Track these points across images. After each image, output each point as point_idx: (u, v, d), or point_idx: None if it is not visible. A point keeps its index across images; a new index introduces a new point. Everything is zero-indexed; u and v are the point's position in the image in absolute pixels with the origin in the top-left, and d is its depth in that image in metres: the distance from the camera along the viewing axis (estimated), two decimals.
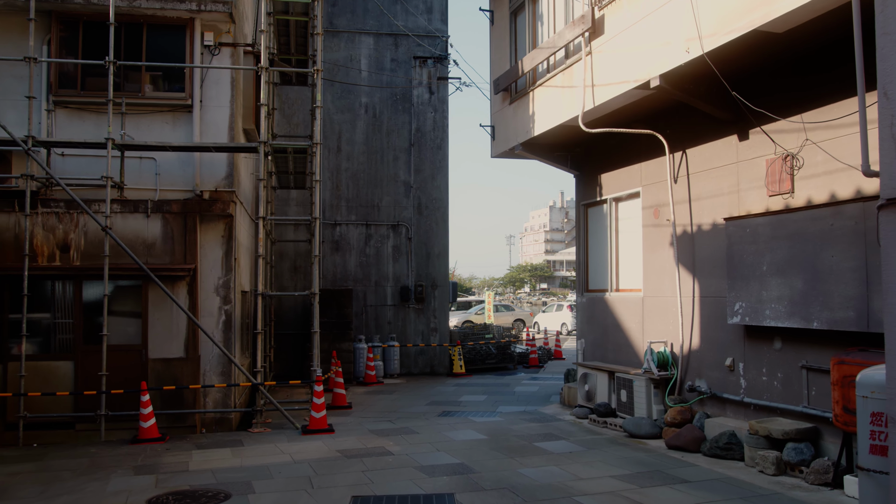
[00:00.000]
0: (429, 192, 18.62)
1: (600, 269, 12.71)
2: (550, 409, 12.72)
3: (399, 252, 18.39)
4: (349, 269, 18.13)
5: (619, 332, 11.88)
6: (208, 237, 11.63)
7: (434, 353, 18.40)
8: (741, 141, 9.26)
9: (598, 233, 12.81)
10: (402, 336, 18.30)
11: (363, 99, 18.39)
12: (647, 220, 11.20)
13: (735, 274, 8.97)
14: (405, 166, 18.55)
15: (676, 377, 10.32)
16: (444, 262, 18.67)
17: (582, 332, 13.11)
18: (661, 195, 10.84)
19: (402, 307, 18.35)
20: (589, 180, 13.01)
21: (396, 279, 18.35)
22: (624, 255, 12.11)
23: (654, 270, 10.99)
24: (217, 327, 11.53)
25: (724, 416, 9.42)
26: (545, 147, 13.03)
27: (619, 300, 11.99)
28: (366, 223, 18.26)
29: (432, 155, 18.68)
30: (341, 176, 18.25)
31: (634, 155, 11.54)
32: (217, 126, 11.84)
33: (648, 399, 10.42)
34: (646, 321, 11.17)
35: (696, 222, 10.07)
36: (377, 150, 18.42)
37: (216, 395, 11.49)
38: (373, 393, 15.25)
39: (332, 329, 16.90)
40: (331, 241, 18.11)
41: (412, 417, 12.20)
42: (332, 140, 18.24)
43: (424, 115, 18.69)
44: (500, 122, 13.80)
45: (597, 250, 12.86)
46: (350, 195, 18.25)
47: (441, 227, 18.65)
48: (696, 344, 10.03)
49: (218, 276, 11.61)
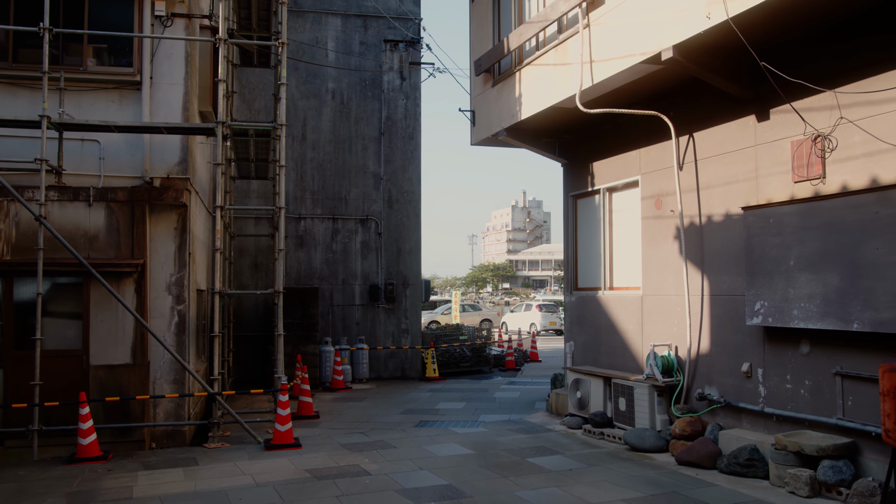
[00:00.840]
0: (400, 185, 17.47)
1: (592, 266, 11.71)
2: (537, 418, 11.68)
3: (368, 248, 17.23)
4: (315, 266, 16.91)
5: (614, 333, 10.90)
6: (159, 229, 10.39)
7: (405, 356, 17.27)
8: (760, 122, 8.31)
9: (589, 226, 11.82)
10: (371, 338, 17.13)
11: (330, 84, 17.17)
12: (647, 212, 10.23)
13: (756, 270, 8.02)
14: (375, 156, 17.38)
15: (683, 384, 9.35)
16: (417, 258, 17.54)
17: (571, 333, 12.10)
18: (664, 183, 9.87)
19: (371, 307, 17.18)
20: (579, 169, 12.01)
21: (365, 277, 17.18)
22: (619, 251, 11.13)
23: (656, 266, 10.02)
24: (169, 330, 10.31)
25: (739, 428, 8.47)
26: (532, 133, 11.99)
27: (613, 299, 11.00)
28: (332, 217, 17.05)
29: (404, 145, 17.54)
30: (306, 166, 17.01)
31: (632, 140, 10.56)
32: (169, 106, 10.61)
33: (651, 408, 9.44)
34: (645, 322, 10.20)
35: (706, 213, 9.11)
36: (345, 138, 17.23)
37: (168, 406, 10.25)
38: (341, 400, 14.08)
39: (297, 331, 15.67)
40: (295, 237, 16.86)
41: (387, 428, 11.07)
42: (296, 128, 16.99)
43: (395, 103, 17.54)
44: (481, 107, 12.74)
45: (588, 245, 11.87)
46: (316, 187, 17.03)
47: (413, 221, 17.52)
48: (706, 347, 9.08)
49: (170, 272, 10.38)
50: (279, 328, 10.52)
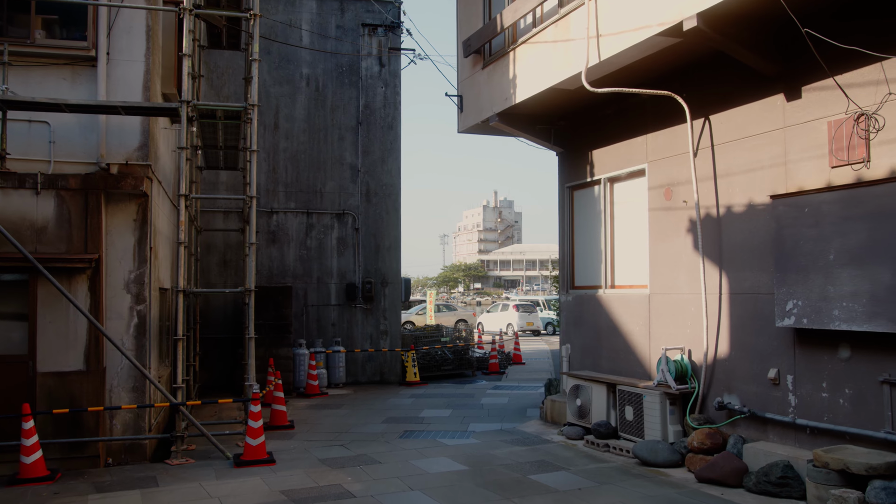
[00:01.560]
0: (378, 177, 16.48)
1: (591, 263, 10.85)
2: (532, 428, 10.79)
3: (345, 244, 16.21)
4: (288, 263, 15.86)
5: (617, 336, 10.04)
6: (117, 221, 9.34)
7: (384, 359, 16.29)
8: (790, 101, 7.49)
9: (588, 219, 10.95)
10: (347, 340, 16.12)
11: (304, 70, 16.12)
12: (656, 203, 9.38)
13: (787, 265, 7.19)
14: (352, 147, 16.37)
15: (698, 392, 8.51)
16: (396, 255, 16.57)
17: (567, 335, 11.23)
18: (676, 172, 9.03)
19: (348, 307, 16.17)
20: (576, 158, 11.14)
21: (342, 275, 16.16)
22: (622, 246, 10.27)
23: (665, 263, 9.18)
24: (128, 332, 9.27)
25: (765, 441, 7.64)
26: (526, 119, 11.10)
27: (616, 298, 10.15)
28: (307, 211, 16.00)
29: (382, 135, 16.55)
30: (279, 157, 15.95)
31: (638, 125, 9.71)
32: (128, 85, 9.57)
33: (663, 418, 8.59)
34: (653, 323, 9.35)
35: (724, 203, 8.28)
36: (320, 128, 16.19)
37: (126, 417, 9.19)
38: (317, 407, 13.06)
39: (269, 332, 14.62)
40: (266, 232, 15.80)
41: (369, 440, 10.10)
42: (268, 116, 15.92)
43: (374, 90, 16.55)
44: (469, 91, 11.81)
45: (586, 240, 11.00)
46: (289, 179, 15.97)
47: (392, 216, 16.54)
48: (724, 351, 8.25)
49: (129, 269, 9.33)
50: (250, 330, 9.51)
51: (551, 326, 35.93)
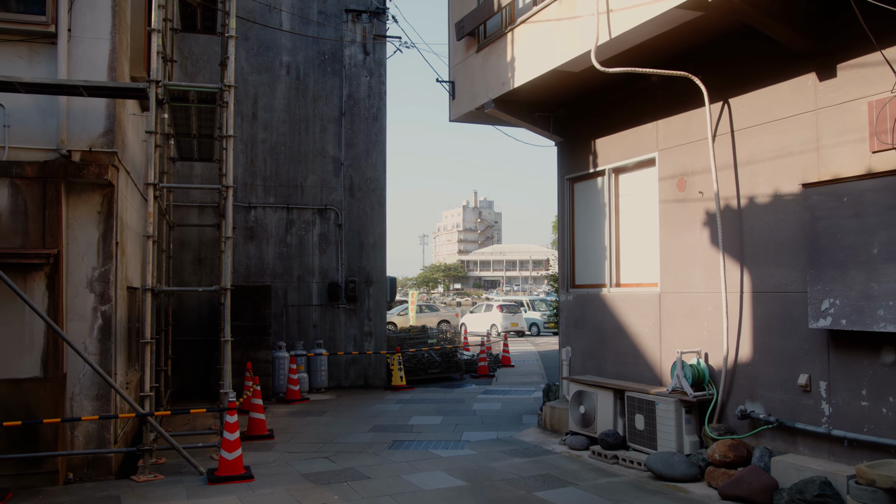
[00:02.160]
0: (362, 171, 15.67)
1: (593, 259, 10.14)
2: (531, 436, 10.05)
3: (327, 241, 15.39)
4: (266, 261, 15.01)
5: (623, 338, 9.34)
6: (79, 213, 8.52)
7: (368, 362, 15.48)
8: (823, 80, 6.81)
9: (591, 213, 10.24)
10: (330, 342, 15.30)
11: (284, 57, 15.28)
12: (668, 194, 8.68)
13: (823, 260, 6.51)
14: (335, 139, 15.55)
15: (717, 399, 7.82)
16: (381, 253, 15.77)
17: (567, 337, 10.50)
18: (690, 160, 8.34)
19: (330, 307, 15.35)
20: (578, 148, 10.42)
21: (324, 274, 15.34)
22: (628, 241, 9.57)
23: (678, 259, 8.48)
24: (91, 335, 8.45)
25: (795, 454, 6.96)
26: (523, 105, 10.37)
27: (622, 298, 9.44)
28: (287, 206, 15.17)
29: (367, 126, 15.74)
30: (257, 149, 15.09)
31: (648, 111, 9.01)
32: (92, 65, 8.75)
33: (678, 428, 7.88)
34: (665, 325, 8.65)
35: (746, 193, 7.59)
36: (301, 118, 15.36)
37: (89, 428, 8.36)
38: (298, 414, 12.24)
39: (246, 335, 13.77)
40: (244, 228, 14.94)
41: (356, 451, 9.32)
42: (245, 105, 15.06)
43: (358, 79, 15.74)
44: (462, 76, 11.06)
45: (588, 236, 10.29)
46: (268, 172, 15.12)
47: (377, 211, 15.74)
48: (747, 355, 7.56)
49: (92, 265, 8.50)
50: (226, 332, 8.69)
51: (535, 327, 35.30)
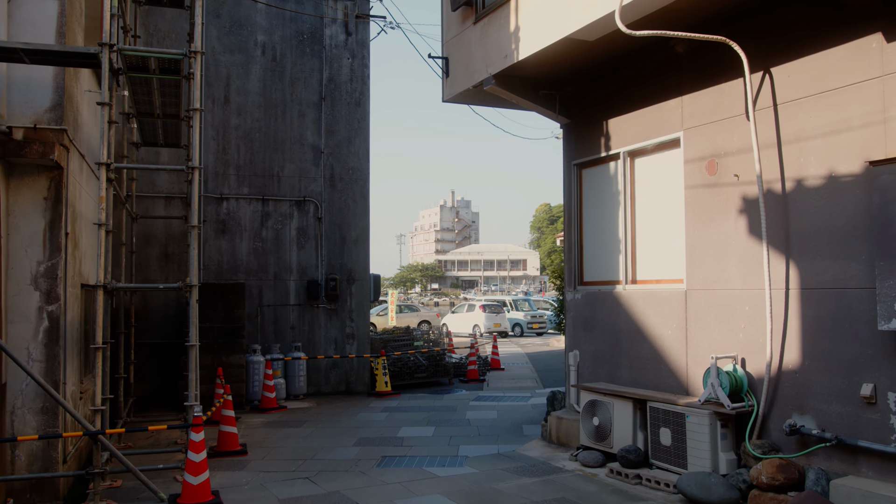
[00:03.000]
0: (344, 160, 14.55)
1: (605, 254, 9.12)
2: (536, 451, 9.01)
3: (306, 236, 14.25)
4: (240, 257, 13.84)
5: (641, 341, 8.33)
6: (21, 199, 7.39)
7: (351, 367, 14.36)
8: (892, 41, 5.84)
9: (602, 202, 9.22)
10: (309, 345, 14.15)
11: (260, 37, 14.12)
12: (695, 179, 7.68)
13: (894, 251, 5.54)
14: (314, 125, 14.41)
15: (758, 411, 6.82)
16: (364, 249, 14.66)
17: (575, 340, 9.48)
18: (724, 139, 7.34)
19: (309, 307, 14.21)
20: (587, 130, 9.40)
21: (302, 271, 14.20)
22: (646, 233, 8.56)
23: (708, 252, 7.48)
24: (35, 339, 7.34)
25: (857, 476, 5.97)
26: (527, 82, 9.33)
27: (640, 296, 8.43)
28: (262, 198, 14.00)
29: (349, 112, 14.63)
30: (230, 135, 13.92)
31: (671, 86, 8.01)
32: (38, 28, 7.67)
33: (713, 444, 6.88)
34: (692, 326, 7.65)
35: (793, 175, 6.61)
36: (278, 103, 14.20)
37: (33, 447, 7.20)
38: (275, 425, 11.10)
39: (217, 337, 12.60)
40: (215, 221, 13.75)
41: (340, 471, 8.21)
42: (217, 88, 13.87)
43: (339, 62, 14.61)
44: (458, 52, 9.99)
45: (599, 227, 9.27)
46: (242, 161, 13.95)
47: (360, 204, 14.62)
48: (794, 360, 6.57)
49: (37, 259, 7.38)
50: (192, 335, 7.55)
51: (518, 328, 34.38)
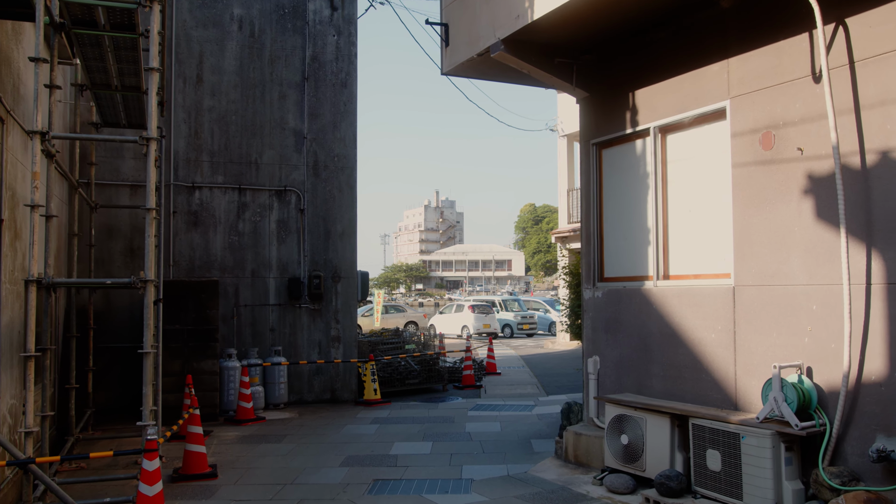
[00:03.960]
0: (329, 146, 13.30)
1: (631, 245, 7.95)
2: (551, 472, 7.81)
3: (287, 229, 12.99)
4: (214, 252, 12.56)
5: (676, 346, 7.16)
6: None
7: (336, 372, 13.10)
8: None
9: (627, 186, 8.05)
10: (290, 348, 12.89)
11: (236, 10, 12.84)
12: (746, 155, 6.52)
13: None
14: (296, 108, 13.15)
15: (831, 432, 5.66)
16: (351, 243, 13.41)
17: (595, 345, 8.30)
18: (783, 107, 6.18)
19: (290, 308, 12.94)
20: (609, 103, 8.24)
21: (283, 268, 12.94)
22: (681, 220, 7.40)
23: (764, 241, 6.32)
24: None
25: None
26: (541, 49, 8.14)
27: (674, 294, 7.26)
28: (239, 187, 12.73)
29: (334, 94, 13.38)
30: (203, 118, 12.63)
31: (714, 46, 6.85)
32: None
33: (776, 471, 5.71)
34: (742, 328, 6.48)
35: (877, 147, 5.46)
36: (256, 83, 12.93)
37: None
38: (251, 440, 9.84)
39: (188, 340, 11.31)
40: (187, 212, 12.46)
41: (325, 499, 6.99)
42: (189, 66, 12.58)
43: (324, 39, 13.36)
44: (459, 16, 8.78)
45: (623, 215, 8.10)
46: (216, 146, 12.67)
47: (346, 194, 13.38)
48: (878, 371, 5.42)
49: None
50: (146, 341, 6.29)
51: (509, 329, 33.23)
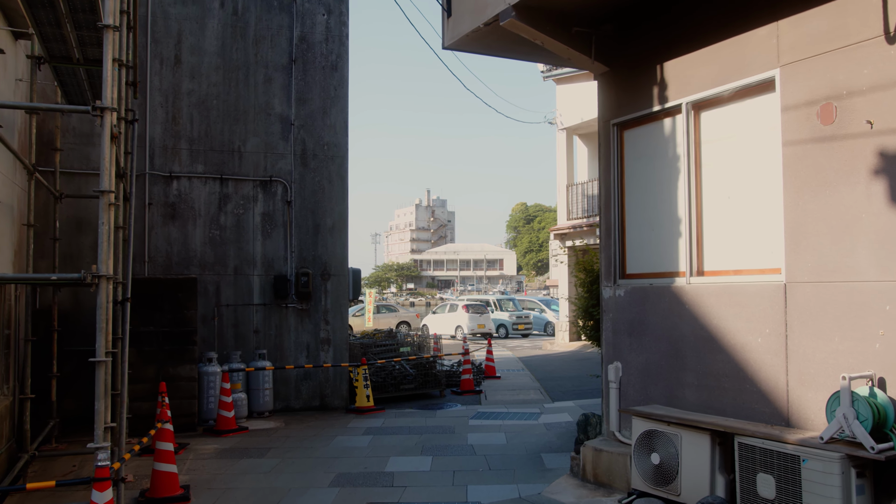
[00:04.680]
0: (318, 134, 12.36)
1: (658, 237, 7.05)
2: (567, 493, 6.91)
3: (272, 223, 12.04)
4: (193, 247, 11.61)
5: (715, 351, 6.26)
6: None
7: (326, 377, 12.16)
8: None
9: (653, 171, 7.15)
10: (276, 352, 11.94)
11: None
12: (799, 131, 5.63)
13: None
14: (283, 93, 12.20)
15: None
16: (342, 238, 12.47)
17: (616, 349, 7.39)
18: (847, 74, 5.29)
19: (276, 308, 12.00)
20: (632, 78, 7.34)
21: (268, 264, 12.00)
22: (718, 208, 6.50)
23: (822, 230, 5.43)
24: None
25: None
26: (556, 17, 7.22)
27: (711, 292, 6.36)
28: (220, 177, 11.78)
29: (324, 78, 12.43)
30: (181, 102, 11.67)
31: (760, 7, 5.96)
32: None
33: (846, 500, 4.82)
34: (795, 332, 5.59)
35: None
36: (240, 65, 11.99)
37: None
38: (231, 455, 8.90)
39: (164, 344, 10.36)
40: (163, 204, 11.50)
41: None
42: (166, 46, 11.62)
43: (313, 18, 12.42)
44: None
45: (648, 203, 7.20)
46: (196, 133, 11.72)
47: (337, 185, 12.44)
48: None
49: None
50: (100, 348, 5.33)
51: (503, 329, 32.35)
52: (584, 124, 23.50)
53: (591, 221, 22.57)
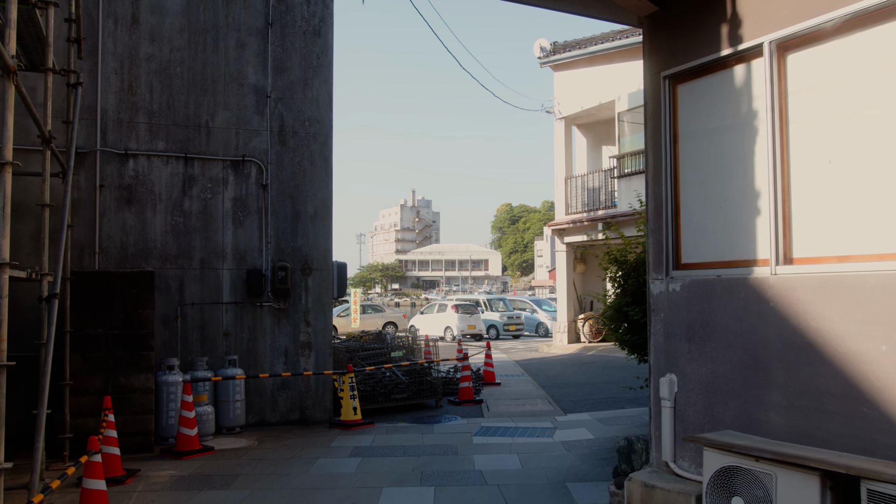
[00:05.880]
0: (298, 108, 10.80)
1: (727, 217, 5.56)
2: None
3: (245, 209, 10.47)
4: (152, 237, 10.01)
5: (815, 363, 4.78)
6: None
7: (307, 387, 10.59)
8: None
9: (719, 133, 5.66)
10: (249, 358, 10.37)
11: None
12: None
13: None
14: (258, 60, 10.63)
15: None
16: (325, 228, 10.90)
17: (671, 358, 5.89)
18: None
19: (249, 307, 10.42)
20: (690, 17, 5.86)
21: (240, 257, 10.43)
22: (814, 178, 5.01)
23: None
24: None
25: None
26: None
27: (808, 285, 4.88)
28: (185, 156, 10.19)
29: (305, 44, 10.88)
30: (139, 69, 10.08)
31: None
32: None
33: None
34: None
35: None
36: (208, 27, 10.41)
37: None
38: (190, 485, 7.32)
39: (114, 349, 8.78)
40: (118, 186, 9.90)
41: None
42: (122, 3, 10.03)
43: None
44: None
45: (712, 174, 5.71)
46: (156, 105, 10.13)
47: (320, 167, 10.88)
48: None
49: None
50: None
51: (494, 330, 30.96)
52: (584, 113, 22.19)
53: (591, 216, 21.21)
